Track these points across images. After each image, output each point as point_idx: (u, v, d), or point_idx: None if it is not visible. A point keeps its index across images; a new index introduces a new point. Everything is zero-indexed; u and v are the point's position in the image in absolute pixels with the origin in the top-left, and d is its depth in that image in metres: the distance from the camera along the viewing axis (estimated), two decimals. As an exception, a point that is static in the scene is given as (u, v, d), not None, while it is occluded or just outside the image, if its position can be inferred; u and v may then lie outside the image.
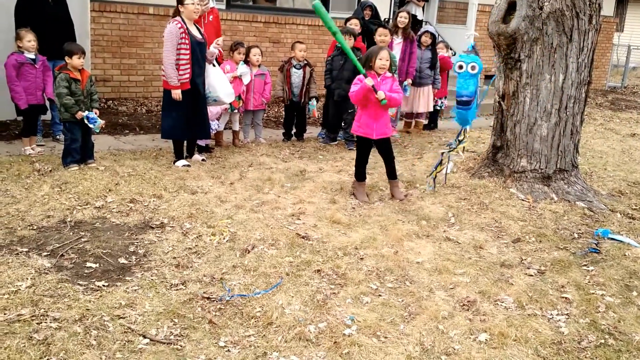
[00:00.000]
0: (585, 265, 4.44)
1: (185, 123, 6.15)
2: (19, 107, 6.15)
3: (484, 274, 4.16)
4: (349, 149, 7.48)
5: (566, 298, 3.92)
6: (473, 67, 5.70)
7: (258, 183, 5.83)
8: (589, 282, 4.17)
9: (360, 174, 5.69)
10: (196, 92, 6.16)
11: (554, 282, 4.13)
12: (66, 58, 5.71)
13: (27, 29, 6.15)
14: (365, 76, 5.32)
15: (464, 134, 6.01)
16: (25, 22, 6.32)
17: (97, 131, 5.94)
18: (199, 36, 6.11)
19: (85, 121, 5.72)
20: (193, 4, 6.01)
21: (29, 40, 6.10)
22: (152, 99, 9.34)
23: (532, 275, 4.21)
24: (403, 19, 8.22)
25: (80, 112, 5.70)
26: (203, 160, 6.44)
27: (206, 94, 6.36)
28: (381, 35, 7.62)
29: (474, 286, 3.97)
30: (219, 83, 6.48)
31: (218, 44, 6.57)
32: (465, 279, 4.06)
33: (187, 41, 5.94)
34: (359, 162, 5.67)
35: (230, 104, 6.93)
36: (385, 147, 5.66)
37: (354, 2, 11.29)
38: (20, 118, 6.49)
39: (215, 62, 6.54)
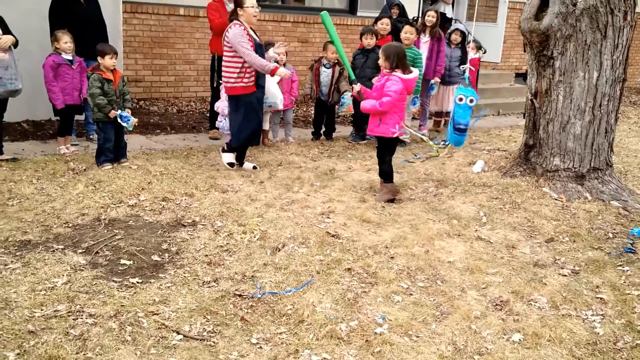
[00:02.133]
0: (620, 265, 4.36)
1: (256, 126, 6.12)
2: (55, 107, 6.27)
3: (517, 274, 4.12)
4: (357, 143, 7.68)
5: (601, 298, 3.86)
6: (471, 100, 5.92)
7: (287, 182, 5.85)
8: (625, 282, 4.09)
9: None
10: (260, 95, 6.13)
11: (588, 282, 4.07)
12: (98, 58, 5.79)
13: (64, 30, 6.26)
14: (355, 82, 5.78)
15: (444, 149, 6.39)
16: (59, 24, 6.43)
17: (131, 129, 6.02)
18: (257, 39, 6.01)
19: (119, 120, 5.81)
20: (253, 7, 5.85)
21: (66, 41, 6.21)
22: (182, 99, 9.44)
23: (566, 275, 4.15)
24: (431, 17, 8.17)
25: (113, 111, 5.78)
26: (254, 167, 6.25)
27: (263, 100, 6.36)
28: (407, 32, 7.58)
29: (506, 286, 3.92)
30: (274, 88, 6.52)
31: (278, 52, 6.52)
32: (498, 279, 4.02)
33: (250, 44, 5.81)
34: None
35: None
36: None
37: (382, 0, 11.25)
38: (56, 118, 6.62)
39: None
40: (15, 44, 5.88)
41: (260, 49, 6.00)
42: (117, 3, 7.59)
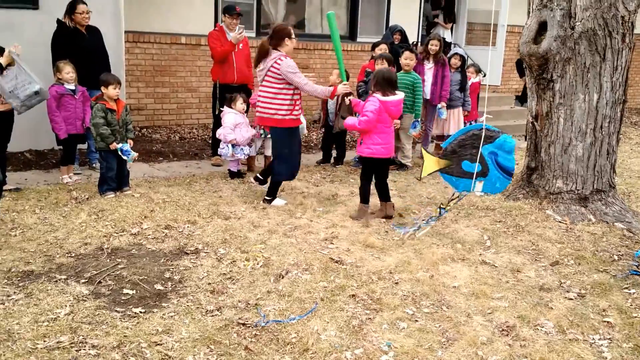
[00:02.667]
0: (626, 288, 4.33)
1: (298, 161, 6.04)
2: (58, 137, 6.30)
3: (523, 298, 4.08)
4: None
5: (608, 322, 3.82)
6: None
7: (290, 207, 5.85)
8: (631, 305, 4.06)
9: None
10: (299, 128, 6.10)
11: (594, 306, 4.03)
12: (102, 88, 5.84)
13: (65, 60, 6.33)
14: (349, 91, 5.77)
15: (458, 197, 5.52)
16: (62, 54, 6.50)
17: (131, 162, 6.05)
18: None
19: (119, 153, 5.84)
20: (295, 38, 5.82)
21: (68, 72, 6.27)
22: (184, 127, 9.49)
23: (572, 299, 4.11)
24: (434, 46, 8.24)
25: (114, 144, 5.80)
26: (285, 204, 6.03)
27: None
28: (407, 58, 7.64)
29: (512, 311, 3.89)
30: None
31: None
32: (504, 304, 3.99)
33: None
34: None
35: (262, 128, 7.03)
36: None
37: (382, 27, 11.37)
38: (59, 147, 6.65)
39: None
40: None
41: None
42: (119, 32, 7.68)
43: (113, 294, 3.92)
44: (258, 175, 6.30)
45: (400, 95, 5.51)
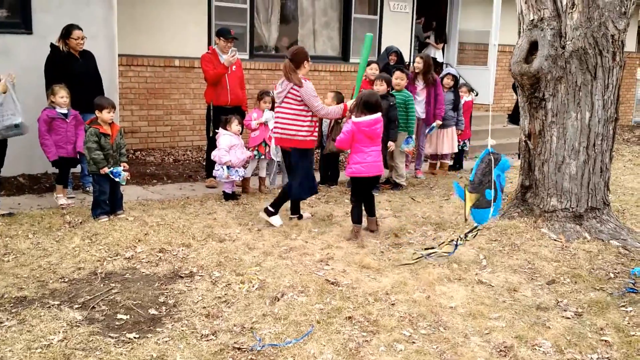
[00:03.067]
0: (623, 306, 4.32)
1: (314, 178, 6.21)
2: (48, 159, 6.29)
3: (520, 318, 4.06)
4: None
5: (606, 341, 3.80)
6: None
7: (285, 229, 5.83)
8: (629, 323, 4.04)
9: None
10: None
11: (592, 325, 4.01)
12: (96, 112, 5.83)
13: (61, 85, 6.33)
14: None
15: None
16: (55, 79, 6.49)
17: (124, 183, 6.03)
18: None
19: (111, 175, 5.83)
20: (310, 62, 5.98)
21: (62, 96, 6.28)
22: (178, 149, 9.48)
23: (569, 318, 4.10)
24: (417, 64, 8.37)
25: (105, 169, 5.76)
26: (311, 215, 6.31)
27: None
28: (397, 78, 7.69)
29: (510, 331, 3.87)
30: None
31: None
32: (501, 324, 3.96)
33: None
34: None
35: (257, 150, 7.04)
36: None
37: (374, 48, 11.46)
38: (53, 172, 6.63)
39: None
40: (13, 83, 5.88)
41: None
42: (113, 56, 7.70)
43: (107, 319, 3.88)
44: (269, 207, 6.02)
45: (374, 115, 5.54)
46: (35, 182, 7.20)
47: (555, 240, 5.61)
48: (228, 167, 6.69)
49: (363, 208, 5.80)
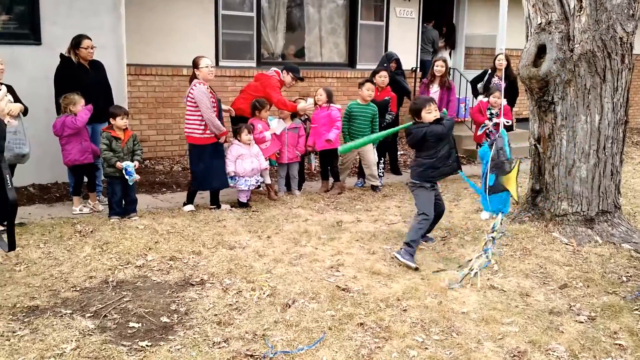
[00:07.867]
0: (636, 309, 4.28)
1: (213, 173, 6.63)
2: (67, 165, 6.42)
3: (533, 323, 4.04)
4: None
5: (620, 345, 3.77)
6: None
7: (295, 236, 5.82)
8: (643, 327, 4.01)
9: None
10: (219, 145, 6.66)
11: (605, 329, 3.98)
12: (111, 119, 6.21)
13: (78, 93, 6.37)
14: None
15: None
16: (65, 90, 6.53)
17: (131, 184, 6.18)
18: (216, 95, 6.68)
19: (124, 172, 6.08)
20: (207, 67, 6.50)
21: (82, 105, 6.37)
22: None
23: (582, 322, 4.07)
24: (440, 67, 8.27)
25: (118, 163, 6.10)
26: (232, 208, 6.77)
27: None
28: (369, 90, 7.64)
29: (523, 335, 3.84)
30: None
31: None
32: (514, 329, 3.94)
33: (213, 99, 6.50)
34: None
35: (270, 158, 7.10)
36: None
37: (380, 54, 11.44)
38: (67, 179, 6.70)
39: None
40: (25, 112, 6.05)
41: (219, 103, 6.69)
42: (121, 66, 7.75)
43: (119, 328, 3.88)
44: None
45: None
46: (45, 191, 7.23)
47: (566, 244, 5.58)
48: (233, 177, 6.73)
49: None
